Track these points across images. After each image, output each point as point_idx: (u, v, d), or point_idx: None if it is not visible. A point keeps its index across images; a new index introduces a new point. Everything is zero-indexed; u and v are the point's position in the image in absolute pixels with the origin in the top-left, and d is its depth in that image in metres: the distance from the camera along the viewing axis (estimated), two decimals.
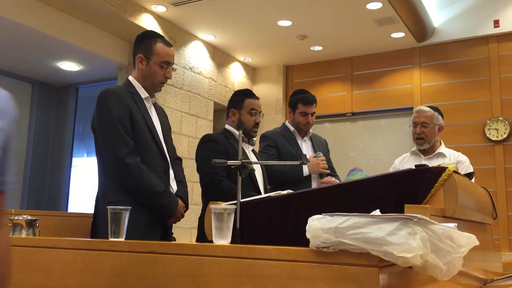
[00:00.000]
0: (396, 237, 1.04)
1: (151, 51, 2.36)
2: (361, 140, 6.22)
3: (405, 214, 1.08)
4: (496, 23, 5.50)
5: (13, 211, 1.94)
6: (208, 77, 5.93)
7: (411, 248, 1.03)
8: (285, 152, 3.12)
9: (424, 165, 1.76)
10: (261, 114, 2.91)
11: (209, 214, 1.49)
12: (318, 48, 6.12)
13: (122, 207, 1.57)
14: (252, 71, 6.83)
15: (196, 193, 5.06)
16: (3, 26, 4.39)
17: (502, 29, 5.48)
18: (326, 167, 3.09)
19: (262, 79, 6.79)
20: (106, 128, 2.21)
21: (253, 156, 2.90)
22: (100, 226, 2.16)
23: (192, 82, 5.65)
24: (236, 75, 6.47)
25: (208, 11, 5.08)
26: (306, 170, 3.04)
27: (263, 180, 2.86)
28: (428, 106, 3.25)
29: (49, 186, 6.09)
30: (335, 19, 5.30)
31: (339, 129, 6.36)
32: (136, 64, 2.38)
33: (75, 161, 6.12)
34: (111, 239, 1.53)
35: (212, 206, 1.45)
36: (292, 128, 3.27)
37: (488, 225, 2.29)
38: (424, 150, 3.18)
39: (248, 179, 2.66)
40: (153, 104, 2.45)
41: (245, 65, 6.68)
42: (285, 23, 5.35)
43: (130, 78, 2.40)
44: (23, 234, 1.85)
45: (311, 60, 6.55)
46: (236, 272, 1.22)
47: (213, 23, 5.41)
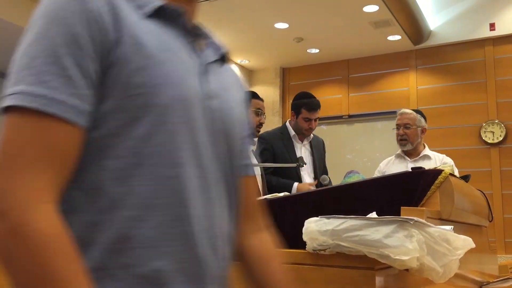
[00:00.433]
0: (393, 240, 1.04)
1: None
2: (358, 143, 6.23)
3: (402, 217, 1.08)
4: (492, 26, 5.52)
5: None
6: None
7: (408, 251, 1.03)
8: (281, 157, 3.11)
9: (421, 168, 1.76)
10: (265, 116, 2.92)
11: None
12: (315, 51, 6.14)
13: None
14: (249, 73, 6.84)
15: None
16: (0, 28, 4.38)
17: (498, 32, 5.50)
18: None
19: (259, 81, 6.80)
20: None
21: (252, 157, 2.88)
22: None
23: None
24: None
25: (205, 13, 5.08)
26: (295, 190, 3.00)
27: (262, 182, 2.85)
28: (413, 110, 3.36)
29: None
30: (332, 22, 5.31)
31: (336, 132, 6.37)
32: None
33: None
34: None
35: None
36: (293, 133, 3.24)
37: (484, 228, 2.30)
38: (409, 153, 3.24)
39: None
40: None
41: (242, 67, 6.68)
42: (282, 26, 5.36)
43: None
44: None
45: (308, 63, 6.56)
46: (232, 274, 1.22)
47: (210, 25, 5.37)
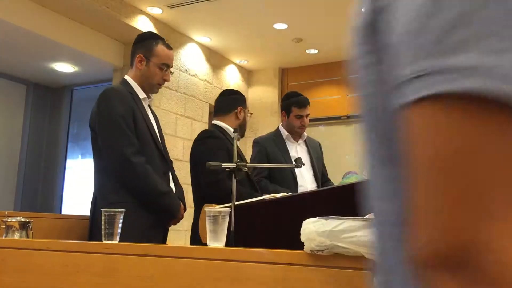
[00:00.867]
0: None
1: (152, 52, 2.35)
2: (356, 143, 6.22)
3: None
4: None
5: (6, 213, 1.93)
6: (204, 80, 5.93)
7: None
8: (275, 159, 3.11)
9: None
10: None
11: (204, 217, 1.48)
12: (314, 51, 6.14)
13: (116, 209, 1.57)
14: (248, 74, 6.84)
15: (191, 196, 5.02)
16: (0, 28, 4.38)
17: None
18: None
19: (258, 82, 6.80)
20: (110, 127, 2.16)
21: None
22: (100, 228, 2.10)
23: (188, 85, 5.64)
24: (232, 78, 6.47)
25: (204, 14, 5.08)
26: None
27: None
28: None
29: (43, 188, 6.06)
30: (331, 23, 5.31)
31: (334, 132, 6.37)
32: (135, 64, 2.36)
33: (69, 163, 6.09)
34: (105, 242, 1.52)
35: (207, 209, 1.45)
36: (286, 134, 3.24)
37: None
38: None
39: (246, 179, 2.63)
40: (148, 106, 2.43)
41: (241, 68, 6.68)
42: (281, 26, 5.36)
43: (127, 78, 2.36)
44: (16, 236, 1.84)
45: (307, 63, 6.56)
46: (230, 275, 1.22)
47: (209, 26, 5.41)
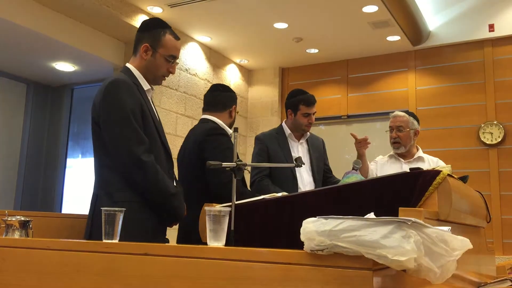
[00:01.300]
0: (390, 240, 1.04)
1: (159, 42, 2.19)
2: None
3: (399, 217, 1.08)
4: (491, 27, 5.53)
5: (6, 212, 1.93)
6: (204, 79, 5.93)
7: (405, 251, 1.03)
8: (275, 157, 3.11)
9: (419, 168, 1.76)
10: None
11: (204, 216, 1.48)
12: (314, 51, 6.13)
13: (117, 208, 1.56)
14: (248, 73, 6.84)
15: None
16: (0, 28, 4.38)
17: (497, 33, 5.51)
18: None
19: (258, 81, 6.80)
20: (119, 123, 2.03)
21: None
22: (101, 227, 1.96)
23: (188, 84, 5.64)
24: (232, 77, 6.47)
25: (205, 13, 5.08)
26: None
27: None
28: (406, 112, 3.36)
29: (43, 187, 6.06)
30: (331, 22, 5.31)
31: (334, 132, 6.37)
32: (140, 53, 2.20)
33: (70, 162, 6.09)
34: (105, 241, 1.52)
35: (207, 208, 1.45)
36: (288, 132, 3.24)
37: (482, 229, 2.30)
38: (403, 155, 3.26)
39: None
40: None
41: (241, 67, 6.68)
42: (281, 26, 5.36)
43: (130, 67, 2.21)
44: (16, 235, 1.84)
45: (307, 63, 6.56)
46: (230, 275, 1.22)
47: (209, 25, 5.41)
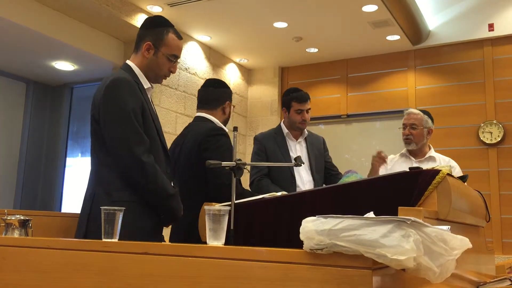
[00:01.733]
0: (390, 240, 1.04)
1: (162, 41, 2.17)
2: (356, 142, 6.23)
3: (399, 217, 1.08)
4: (491, 27, 5.53)
5: (6, 211, 1.93)
6: (204, 78, 5.92)
7: (404, 251, 1.03)
8: (273, 157, 3.11)
9: (418, 168, 1.76)
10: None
11: (203, 215, 1.48)
12: (314, 50, 6.13)
13: (116, 208, 1.56)
14: (248, 73, 6.83)
15: None
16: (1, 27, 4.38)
17: (497, 33, 5.51)
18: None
19: (258, 81, 6.80)
20: (120, 122, 2.02)
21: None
22: (98, 226, 1.82)
23: (188, 83, 5.64)
24: (232, 76, 6.47)
25: (204, 12, 5.08)
26: None
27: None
28: (420, 110, 3.33)
29: (43, 186, 6.06)
30: (331, 21, 5.31)
31: (334, 131, 6.37)
32: (142, 51, 2.18)
33: (69, 161, 6.09)
34: (105, 240, 1.52)
35: (206, 207, 1.45)
36: (286, 131, 3.25)
37: (481, 228, 2.30)
38: (415, 153, 3.24)
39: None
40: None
41: (241, 66, 6.68)
42: (281, 25, 5.36)
43: (131, 64, 2.19)
44: (16, 234, 1.84)
45: (307, 62, 6.56)
46: (230, 274, 1.22)
47: (209, 24, 5.41)
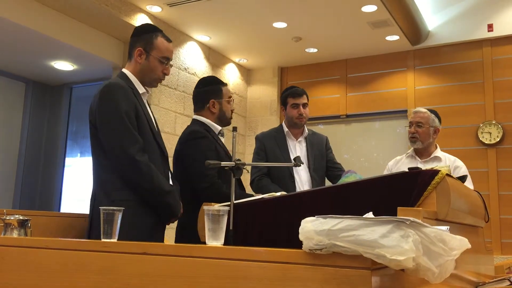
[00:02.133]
0: (389, 240, 1.04)
1: (152, 45, 2.27)
2: (355, 142, 6.24)
3: (398, 217, 1.08)
4: (490, 27, 5.53)
5: (5, 211, 1.93)
6: None
7: (404, 251, 1.03)
8: (272, 157, 3.11)
9: (417, 168, 1.76)
10: (233, 100, 2.77)
11: (203, 215, 1.48)
12: (313, 50, 6.14)
13: (115, 208, 1.56)
14: (247, 73, 6.83)
15: None
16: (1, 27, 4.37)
17: (496, 33, 5.51)
18: None
19: (257, 81, 6.80)
20: (114, 124, 2.10)
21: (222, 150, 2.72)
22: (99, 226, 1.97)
23: (187, 83, 5.64)
24: (231, 76, 6.47)
25: (204, 12, 5.08)
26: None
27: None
28: (428, 109, 3.29)
29: (42, 186, 6.06)
30: (330, 22, 5.31)
31: (333, 131, 6.37)
32: (134, 58, 2.28)
33: (68, 161, 6.09)
34: (104, 240, 1.52)
35: (206, 207, 1.45)
36: (286, 130, 3.25)
37: (480, 228, 2.30)
38: (420, 153, 3.22)
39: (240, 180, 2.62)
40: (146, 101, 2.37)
41: (240, 66, 6.68)
42: (280, 25, 5.36)
43: (126, 72, 2.29)
44: (15, 234, 1.84)
45: (306, 62, 6.56)
46: (229, 274, 1.22)
47: (209, 24, 5.41)
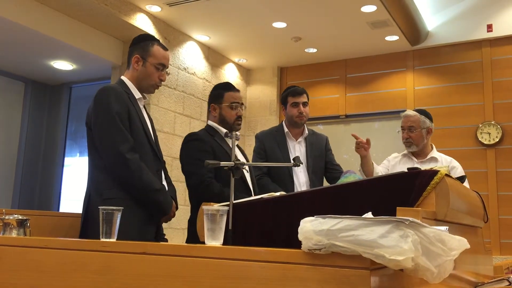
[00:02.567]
0: (388, 240, 1.05)
1: (148, 53, 2.40)
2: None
3: (397, 217, 1.08)
4: (489, 28, 5.53)
5: (4, 211, 1.93)
6: (202, 78, 5.93)
7: (403, 251, 1.03)
8: (272, 156, 3.10)
9: (417, 168, 1.76)
10: (243, 107, 2.80)
11: (202, 215, 1.48)
12: (313, 50, 6.14)
13: (114, 207, 1.56)
14: (246, 73, 6.83)
15: (186, 195, 5.01)
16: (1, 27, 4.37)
17: (495, 34, 5.51)
18: None
19: (256, 81, 6.80)
20: (106, 124, 2.20)
21: (240, 153, 2.81)
22: (95, 225, 1.98)
23: (186, 83, 5.64)
24: (230, 76, 6.47)
25: (203, 12, 5.08)
26: None
27: (252, 180, 2.79)
28: (417, 109, 3.29)
29: (41, 186, 6.06)
30: (330, 22, 5.31)
31: (333, 131, 6.37)
32: (132, 65, 2.40)
33: (68, 161, 6.09)
34: (103, 240, 1.52)
35: (205, 207, 1.45)
36: (286, 130, 3.24)
37: (479, 229, 2.30)
38: (417, 154, 3.22)
39: (240, 181, 2.62)
40: (143, 106, 2.47)
41: (239, 66, 6.68)
42: (280, 25, 5.36)
43: (124, 78, 2.41)
44: (14, 234, 1.84)
45: (305, 62, 6.56)
46: (228, 274, 1.22)
47: (208, 24, 5.41)
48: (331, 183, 3.17)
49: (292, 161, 2.08)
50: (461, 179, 2.14)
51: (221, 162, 1.82)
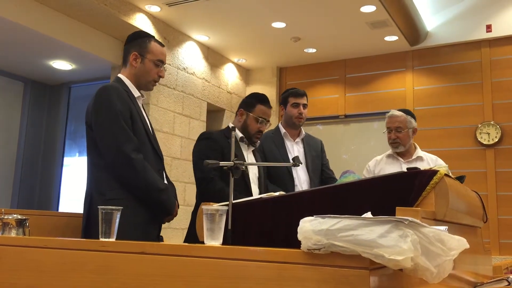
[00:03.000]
0: (387, 240, 1.05)
1: (146, 49, 2.37)
2: (354, 143, 6.23)
3: (396, 217, 1.08)
4: (489, 28, 5.54)
5: (3, 210, 1.93)
6: (202, 78, 5.93)
7: (402, 251, 1.03)
8: (271, 157, 3.12)
9: (416, 168, 1.76)
10: (268, 124, 2.86)
11: (201, 215, 1.48)
12: (312, 50, 6.14)
13: (114, 207, 1.56)
14: (246, 73, 6.83)
15: (189, 194, 5.06)
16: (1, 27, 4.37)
17: (494, 34, 5.52)
18: None
19: (256, 81, 6.80)
20: (108, 122, 2.18)
21: (252, 158, 2.86)
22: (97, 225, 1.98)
23: (186, 83, 5.64)
24: (230, 76, 6.47)
25: (202, 12, 5.08)
26: None
27: (259, 182, 2.82)
28: (401, 110, 3.31)
29: (40, 186, 6.05)
30: (329, 22, 5.31)
31: (332, 132, 6.37)
32: (130, 62, 2.37)
33: (67, 161, 6.08)
34: (102, 239, 1.52)
35: (204, 207, 1.45)
36: (283, 131, 3.26)
37: (479, 229, 2.31)
38: (402, 154, 3.23)
39: (241, 181, 2.63)
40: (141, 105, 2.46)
41: (239, 66, 6.68)
42: (279, 25, 5.36)
43: (121, 76, 2.38)
44: (13, 234, 1.84)
45: (305, 62, 6.56)
46: (227, 274, 1.22)
47: (207, 24, 5.41)
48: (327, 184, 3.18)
49: (292, 161, 2.08)
50: (461, 179, 2.14)
51: (221, 162, 1.82)
